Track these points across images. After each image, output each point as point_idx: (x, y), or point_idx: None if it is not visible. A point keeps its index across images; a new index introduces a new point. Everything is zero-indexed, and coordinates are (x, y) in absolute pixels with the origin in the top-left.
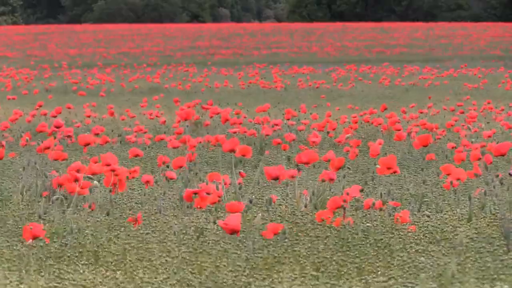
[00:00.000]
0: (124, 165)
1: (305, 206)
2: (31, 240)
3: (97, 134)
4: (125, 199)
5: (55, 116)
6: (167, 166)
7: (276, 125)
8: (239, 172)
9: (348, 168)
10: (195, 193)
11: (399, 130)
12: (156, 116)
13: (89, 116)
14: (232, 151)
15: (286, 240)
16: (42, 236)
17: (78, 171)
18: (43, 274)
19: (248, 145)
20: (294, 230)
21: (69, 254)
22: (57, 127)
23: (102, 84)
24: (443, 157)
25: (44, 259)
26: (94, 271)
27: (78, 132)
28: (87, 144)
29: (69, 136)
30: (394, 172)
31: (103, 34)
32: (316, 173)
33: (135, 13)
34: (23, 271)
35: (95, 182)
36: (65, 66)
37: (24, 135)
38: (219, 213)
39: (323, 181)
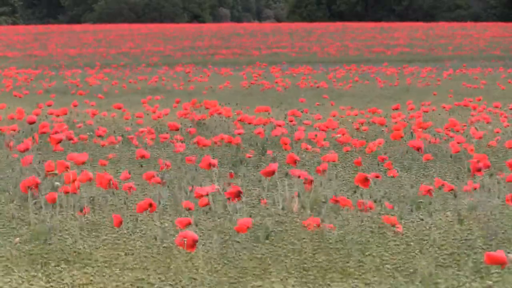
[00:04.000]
0: (127, 166)
1: (291, 207)
2: (18, 239)
3: (100, 136)
4: (115, 201)
5: (58, 116)
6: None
7: (279, 126)
8: (229, 173)
9: (340, 169)
10: (150, 204)
11: (399, 130)
12: (159, 117)
13: (93, 116)
14: (212, 166)
15: (272, 240)
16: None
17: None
18: (35, 274)
19: (250, 145)
20: (281, 231)
21: (58, 254)
22: (30, 123)
23: (102, 84)
24: (444, 157)
25: (36, 259)
26: (88, 271)
27: (79, 132)
28: (59, 141)
29: (70, 138)
30: (393, 174)
31: (103, 34)
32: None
33: (136, 13)
34: (16, 271)
35: (57, 183)
36: (65, 66)
37: (35, 135)
38: (208, 215)
39: (304, 181)
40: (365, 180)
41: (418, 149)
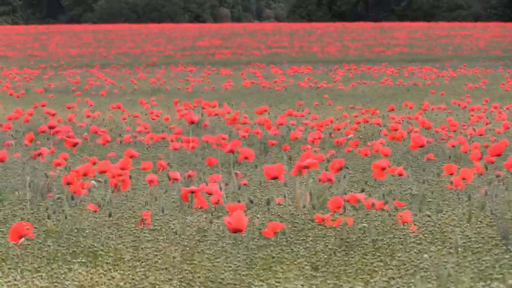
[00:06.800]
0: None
1: (304, 207)
2: (23, 239)
3: (96, 133)
4: (127, 199)
5: (54, 115)
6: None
7: (281, 124)
8: (235, 172)
9: (347, 168)
10: (192, 192)
11: (397, 130)
12: (157, 116)
13: (89, 116)
14: (232, 151)
15: (286, 240)
16: (30, 235)
17: (83, 173)
18: (41, 273)
19: (250, 145)
20: (293, 230)
21: (69, 253)
22: (51, 127)
23: (102, 85)
24: (445, 157)
25: (40, 258)
26: (92, 271)
27: (78, 132)
28: (75, 144)
29: (69, 137)
30: (400, 175)
31: (103, 34)
32: (316, 173)
33: (136, 13)
34: (18, 270)
35: (93, 182)
36: (65, 66)
37: (26, 136)
38: (219, 213)
39: (320, 181)
40: (382, 171)
41: (421, 146)
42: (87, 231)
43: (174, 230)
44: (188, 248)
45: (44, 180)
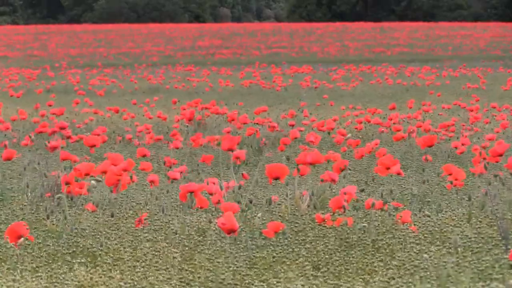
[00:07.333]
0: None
1: (308, 206)
2: (22, 239)
3: (98, 135)
4: (127, 199)
5: (57, 115)
6: (168, 166)
7: (277, 125)
8: (242, 173)
9: (349, 169)
10: (191, 192)
11: (399, 130)
12: (157, 116)
13: (92, 120)
14: (231, 150)
15: (286, 239)
16: (26, 235)
17: (85, 173)
18: (40, 273)
19: (247, 145)
20: (294, 230)
21: (69, 253)
22: (62, 128)
23: (102, 84)
24: (444, 157)
25: (39, 258)
26: (91, 271)
27: (78, 132)
28: (93, 146)
29: (69, 137)
30: (398, 174)
31: (103, 34)
32: (316, 173)
33: (136, 13)
34: (18, 270)
35: (93, 182)
36: (66, 66)
37: (29, 135)
38: (219, 213)
39: (322, 181)
40: (387, 169)
41: (430, 146)
42: (87, 231)
43: (174, 230)
44: (188, 248)
45: (54, 180)
